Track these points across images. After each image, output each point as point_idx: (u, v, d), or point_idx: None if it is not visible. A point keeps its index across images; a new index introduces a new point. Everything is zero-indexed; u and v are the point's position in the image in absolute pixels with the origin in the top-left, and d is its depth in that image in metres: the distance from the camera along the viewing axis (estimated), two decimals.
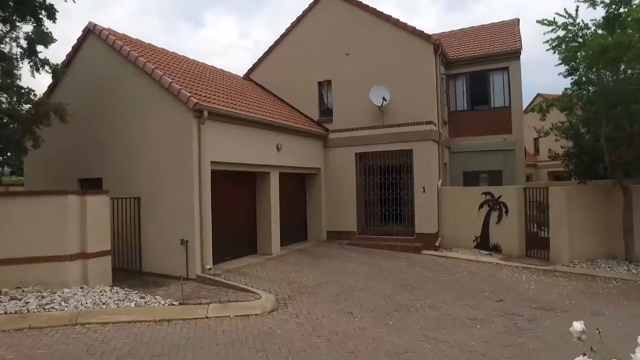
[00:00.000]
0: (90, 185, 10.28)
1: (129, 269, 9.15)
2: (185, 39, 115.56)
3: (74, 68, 10.62)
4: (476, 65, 14.67)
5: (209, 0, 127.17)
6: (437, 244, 12.27)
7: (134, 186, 9.33)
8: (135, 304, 6.79)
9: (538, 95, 29.11)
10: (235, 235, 10.60)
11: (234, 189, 10.70)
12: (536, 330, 6.19)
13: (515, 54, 14.08)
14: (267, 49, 15.69)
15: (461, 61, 14.82)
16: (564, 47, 10.14)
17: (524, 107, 14.90)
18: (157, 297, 7.26)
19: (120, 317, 6.33)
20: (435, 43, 12.63)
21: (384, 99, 12.70)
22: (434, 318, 6.73)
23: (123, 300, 6.88)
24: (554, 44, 10.82)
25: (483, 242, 12.22)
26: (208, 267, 8.63)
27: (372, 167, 13.47)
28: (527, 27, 57.14)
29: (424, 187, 12.28)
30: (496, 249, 12.03)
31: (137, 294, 7.39)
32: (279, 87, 15.01)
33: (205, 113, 8.59)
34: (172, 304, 6.96)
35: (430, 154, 12.29)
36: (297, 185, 13.54)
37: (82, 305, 6.58)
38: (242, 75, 15.79)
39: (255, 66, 15.99)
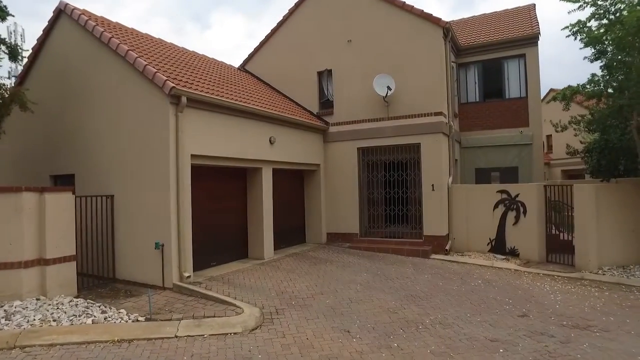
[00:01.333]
0: (63, 182, 9.31)
1: (102, 276, 8.13)
2: (193, 39, 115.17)
3: (46, 53, 9.66)
4: (489, 52, 13.51)
5: (216, 1, 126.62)
6: (447, 247, 11.13)
7: (108, 183, 8.32)
8: (93, 320, 5.74)
9: (551, 90, 27.81)
10: (222, 238, 9.56)
11: (222, 186, 9.66)
12: (574, 357, 5.06)
13: (532, 39, 12.89)
14: (263, 37, 14.65)
15: (473, 49, 13.67)
16: (592, 26, 9.00)
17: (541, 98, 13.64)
18: (122, 310, 6.23)
19: (71, 338, 5.29)
20: (445, 27, 11.49)
21: (388, 88, 11.60)
22: (446, 338, 5.62)
23: (80, 316, 5.84)
24: (576, 28, 9.73)
25: (498, 246, 11.06)
26: (187, 274, 7.59)
27: (376, 163, 12.36)
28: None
29: (433, 185, 11.15)
30: (513, 253, 10.87)
31: (100, 306, 6.36)
32: (276, 78, 13.98)
33: (184, 99, 7.55)
34: (138, 320, 5.92)
35: (440, 149, 11.16)
36: (293, 182, 12.48)
37: (28, 322, 5.55)
38: (237, 67, 14.76)
39: (251, 56, 14.95)
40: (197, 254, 8.42)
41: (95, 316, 5.83)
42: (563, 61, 64.40)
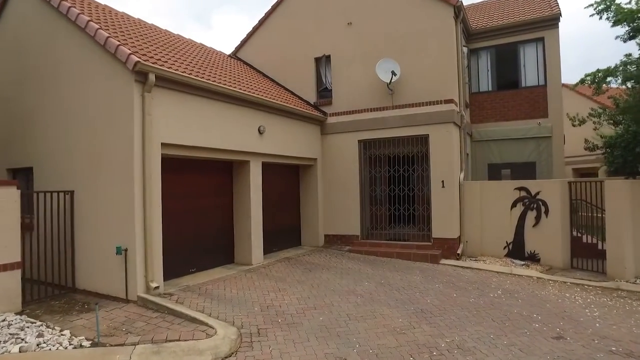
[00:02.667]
0: (22, 176, 8.15)
1: (60, 285, 6.95)
2: (197, 39, 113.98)
3: (2, 28, 8.49)
4: (503, 36, 12.29)
5: (219, 1, 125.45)
6: (459, 251, 9.92)
7: (68, 177, 7.15)
8: (21, 347, 4.55)
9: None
10: (203, 240, 8.38)
11: (203, 181, 8.48)
12: None
13: (552, 21, 11.66)
14: (257, 22, 13.47)
15: (485, 32, 12.45)
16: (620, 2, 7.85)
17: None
18: (65, 332, 5.04)
19: None
20: (457, 5, 10.27)
21: (393, 73, 10.40)
22: None
23: (6, 342, 4.65)
24: (602, 6, 8.61)
25: (516, 250, 9.84)
26: (154, 285, 6.39)
27: (378, 157, 11.16)
28: None
29: (443, 182, 9.94)
30: (533, 259, 9.65)
31: (40, 327, 5.18)
32: (269, 66, 12.81)
33: (152, 77, 6.36)
34: (82, 345, 4.74)
35: (451, 140, 9.94)
36: (287, 179, 11.28)
37: None
38: (228, 54, 13.57)
39: (243, 43, 13.78)
40: (172, 259, 7.27)
41: (26, 341, 4.64)
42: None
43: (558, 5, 12.02)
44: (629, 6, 8.49)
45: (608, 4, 8.90)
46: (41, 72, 7.67)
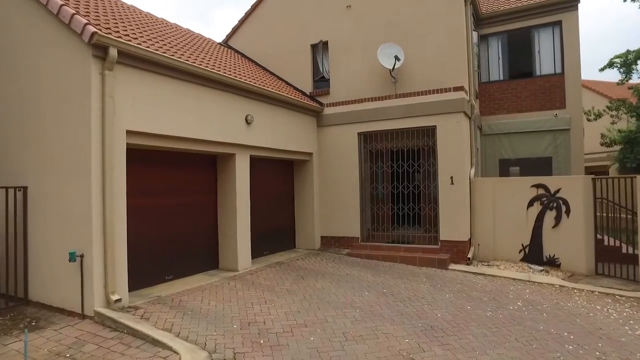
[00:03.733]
0: None
1: (10, 296, 5.97)
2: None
3: None
4: (516, 21, 11.30)
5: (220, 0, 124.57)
6: (469, 255, 8.93)
7: (22, 170, 6.17)
8: None
9: None
10: (183, 243, 7.40)
11: (183, 177, 7.49)
12: None
13: (571, 2, 10.66)
14: (249, 7, 12.50)
15: (496, 17, 11.47)
16: None
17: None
18: None
19: None
20: None
21: (396, 58, 9.41)
22: None
23: None
24: None
25: (534, 254, 8.85)
26: (115, 297, 5.41)
27: (380, 151, 10.19)
28: None
29: (452, 178, 8.95)
30: (552, 263, 8.66)
31: None
32: (262, 54, 11.85)
33: (113, 53, 5.38)
34: None
35: (461, 132, 8.95)
36: (280, 175, 10.30)
37: None
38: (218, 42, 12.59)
39: (235, 30, 12.81)
40: (142, 266, 6.33)
41: None
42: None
43: None
44: None
45: None
46: None
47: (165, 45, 7.07)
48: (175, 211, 7.29)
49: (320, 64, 11.28)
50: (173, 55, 6.48)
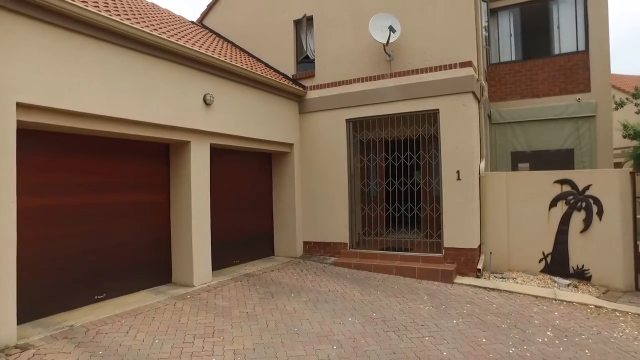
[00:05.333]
0: None
1: None
2: None
3: None
4: None
5: None
6: (479, 266, 7.38)
7: None
8: None
9: None
10: (120, 254, 5.88)
11: (119, 169, 5.96)
12: None
13: None
14: None
15: None
16: None
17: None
18: None
19: None
20: None
21: (391, 30, 7.87)
22: None
23: None
24: None
25: (557, 264, 7.31)
26: None
27: (373, 141, 8.67)
28: None
29: (458, 172, 7.41)
30: (581, 276, 7.12)
31: None
32: (241, 34, 10.29)
33: None
34: None
35: (469, 117, 7.41)
36: (255, 169, 8.76)
37: None
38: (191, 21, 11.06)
39: (210, 7, 11.28)
40: (59, 283, 4.91)
41: None
42: None
43: None
44: None
45: None
46: None
47: (102, 5, 5.52)
48: (112, 213, 5.77)
49: (305, 42, 9.74)
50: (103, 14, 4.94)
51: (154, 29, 5.90)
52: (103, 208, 5.66)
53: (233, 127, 7.19)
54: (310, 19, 9.49)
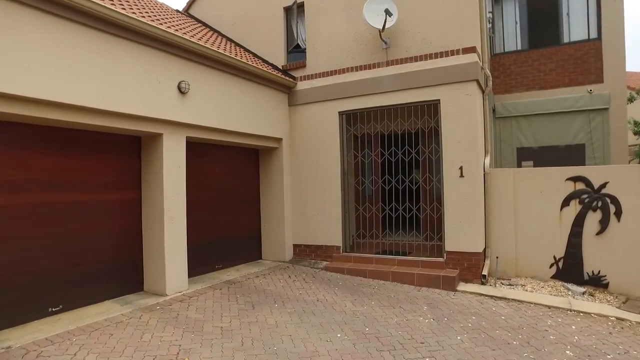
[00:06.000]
0: None
1: None
2: None
3: None
4: None
5: None
6: (485, 271, 6.71)
7: None
8: None
9: None
10: (83, 258, 5.21)
11: (83, 164, 5.30)
12: None
13: None
14: None
15: None
16: None
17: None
18: None
19: None
20: None
21: (387, 13, 7.21)
22: None
23: None
24: None
25: (570, 269, 6.65)
26: None
27: (368, 136, 8.01)
28: None
29: (461, 169, 6.75)
30: (597, 283, 6.46)
31: None
32: (229, 23, 9.64)
33: None
34: None
35: (473, 107, 6.75)
36: (240, 166, 8.09)
37: None
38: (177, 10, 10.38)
39: None
40: (1, 294, 4.14)
41: None
42: None
43: None
44: None
45: None
46: None
47: None
48: (74, 213, 5.11)
49: (295, 31, 9.07)
50: None
51: (123, 9, 5.23)
52: (64, 208, 5.00)
53: (213, 119, 6.52)
54: (301, 5, 8.84)
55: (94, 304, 5.29)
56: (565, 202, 6.69)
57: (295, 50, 9.06)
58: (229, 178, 7.75)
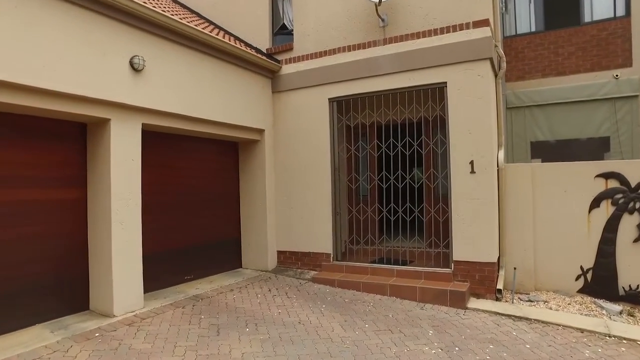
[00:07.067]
0: None
1: None
2: None
3: None
4: None
5: None
6: (500, 285, 5.67)
7: None
8: None
9: None
10: (8, 273, 4.16)
11: (10, 155, 4.25)
12: None
13: None
14: None
15: None
16: None
17: None
18: None
19: None
20: None
21: None
22: None
23: None
24: None
25: (601, 282, 5.62)
26: None
27: (363, 126, 6.99)
28: None
29: (472, 163, 5.72)
30: (636, 299, 5.44)
31: None
32: (210, 4, 8.58)
33: None
34: None
35: (486, 91, 5.72)
36: (217, 161, 7.06)
37: None
38: None
39: None
40: None
41: None
42: None
43: None
44: None
45: None
46: None
47: None
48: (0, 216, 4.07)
49: (282, 10, 8.05)
50: None
51: None
52: None
53: (178, 104, 5.48)
54: None
55: (21, 329, 4.25)
56: (595, 203, 5.66)
57: (282, 32, 8.04)
58: (204, 175, 6.72)
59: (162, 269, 5.77)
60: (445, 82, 5.90)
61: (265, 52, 7.80)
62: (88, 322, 4.51)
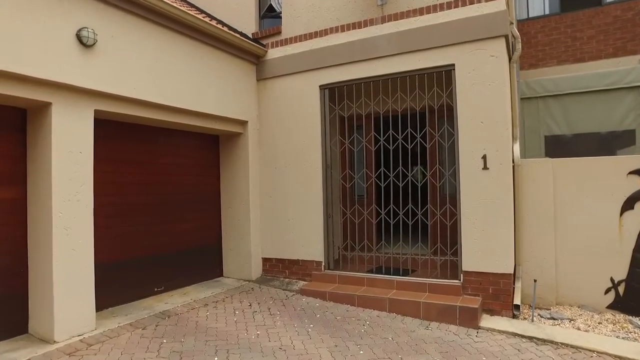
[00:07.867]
0: None
1: None
2: None
3: None
4: None
5: None
6: (517, 300, 4.87)
7: None
8: None
9: None
10: None
11: None
12: None
13: None
14: None
15: None
16: None
17: None
18: None
19: None
20: None
21: None
22: None
23: None
24: None
25: (636, 297, 4.82)
26: None
27: (358, 116, 6.18)
28: None
29: (484, 158, 4.92)
30: None
31: None
32: None
33: None
34: None
35: (501, 74, 4.93)
36: (194, 157, 6.25)
37: None
38: None
39: None
40: None
41: None
42: None
43: None
44: None
45: None
46: None
47: None
48: None
49: None
50: None
51: None
52: None
53: (142, 88, 4.67)
54: None
55: None
56: (628, 204, 4.87)
57: (270, 15, 7.28)
58: (178, 172, 5.92)
59: (125, 280, 4.98)
60: (453, 65, 5.10)
61: (251, 36, 7.01)
62: (20, 351, 3.70)
